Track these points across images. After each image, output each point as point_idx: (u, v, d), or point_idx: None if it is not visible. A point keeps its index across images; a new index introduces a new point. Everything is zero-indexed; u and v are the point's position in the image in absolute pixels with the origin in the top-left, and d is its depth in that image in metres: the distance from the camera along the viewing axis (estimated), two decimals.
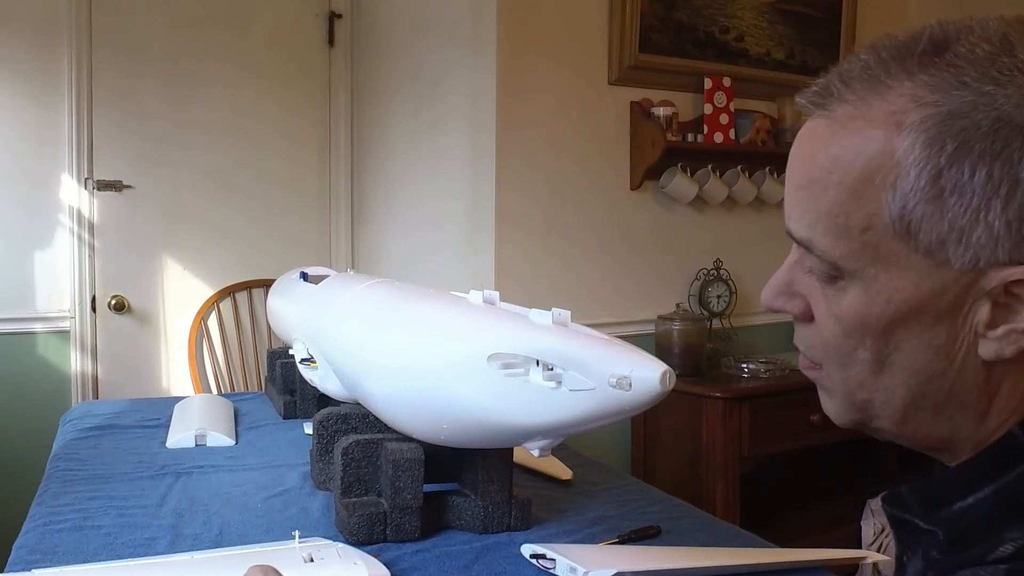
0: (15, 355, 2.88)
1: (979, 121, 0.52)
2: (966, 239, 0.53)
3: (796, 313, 0.64)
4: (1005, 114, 0.51)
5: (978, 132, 0.52)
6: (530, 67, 2.75)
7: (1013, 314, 0.54)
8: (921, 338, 0.57)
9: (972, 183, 0.52)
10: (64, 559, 1.12)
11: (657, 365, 0.91)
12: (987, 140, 0.51)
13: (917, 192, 0.53)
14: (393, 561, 1.13)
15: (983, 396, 0.57)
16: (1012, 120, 0.51)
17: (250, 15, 3.20)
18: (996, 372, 0.56)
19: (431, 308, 1.22)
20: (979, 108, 0.52)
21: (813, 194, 0.59)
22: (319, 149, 3.37)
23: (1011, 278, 0.53)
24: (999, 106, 0.51)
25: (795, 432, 2.76)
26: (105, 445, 1.69)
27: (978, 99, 0.52)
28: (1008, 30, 0.54)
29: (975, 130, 0.52)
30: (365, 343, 1.30)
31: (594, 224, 2.91)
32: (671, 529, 1.30)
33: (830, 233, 0.58)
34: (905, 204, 0.54)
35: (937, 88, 0.53)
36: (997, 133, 0.51)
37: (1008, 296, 0.54)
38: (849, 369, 0.61)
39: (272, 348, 2.39)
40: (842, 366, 0.62)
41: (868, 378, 0.60)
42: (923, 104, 0.53)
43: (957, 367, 0.57)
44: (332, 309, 1.49)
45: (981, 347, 0.56)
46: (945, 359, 0.57)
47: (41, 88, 2.88)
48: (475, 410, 1.04)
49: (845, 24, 3.37)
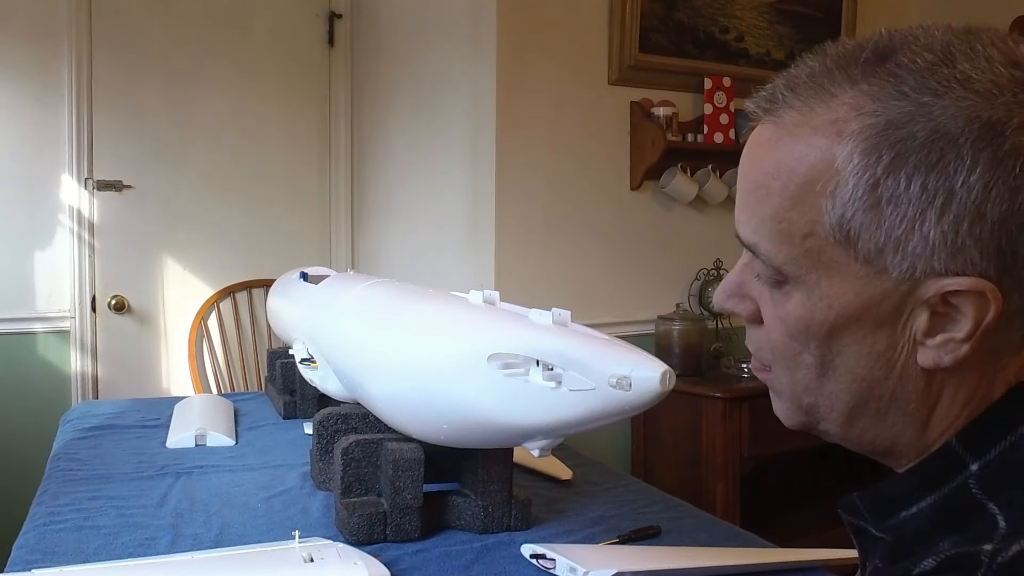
0: (15, 355, 2.88)
1: (916, 132, 0.52)
2: (903, 248, 0.53)
3: (746, 315, 0.65)
4: (941, 125, 0.51)
5: (914, 143, 0.52)
6: (530, 67, 2.75)
7: (951, 323, 0.54)
8: (862, 344, 0.57)
9: (908, 194, 0.52)
10: (64, 559, 1.12)
11: (657, 365, 0.91)
12: (923, 151, 0.51)
13: (855, 201, 0.54)
14: (393, 561, 1.13)
15: (924, 404, 0.58)
16: (948, 132, 0.51)
17: (250, 15, 3.20)
18: (936, 381, 0.57)
19: (431, 308, 1.22)
20: (916, 119, 0.52)
21: (758, 199, 0.59)
22: (319, 149, 3.37)
23: (947, 288, 0.53)
24: (935, 117, 0.51)
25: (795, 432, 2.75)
26: (105, 445, 1.69)
27: (916, 110, 0.52)
28: (952, 40, 0.54)
29: (911, 141, 0.52)
30: (365, 343, 1.30)
31: (594, 224, 2.91)
32: (671, 529, 1.30)
33: (774, 238, 0.58)
34: (844, 212, 0.54)
35: (877, 97, 0.53)
36: (933, 144, 0.51)
37: (946, 306, 0.54)
38: (795, 372, 0.62)
39: (272, 348, 2.39)
40: (788, 369, 0.62)
41: (813, 382, 0.61)
42: (863, 113, 0.54)
43: (897, 374, 0.57)
44: (332, 309, 1.49)
45: (920, 355, 0.56)
46: (886, 365, 0.57)
47: (41, 88, 2.88)
48: (475, 410, 1.04)
49: (845, 24, 3.37)
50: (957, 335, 0.54)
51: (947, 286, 0.53)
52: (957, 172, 0.51)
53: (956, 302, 0.53)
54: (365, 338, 1.31)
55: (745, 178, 0.61)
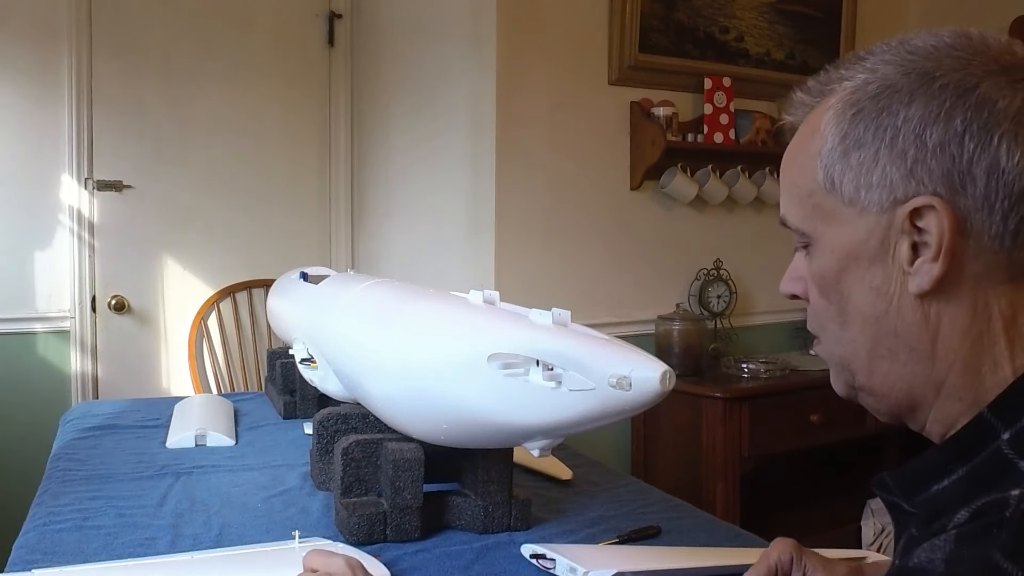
0: (15, 355, 2.88)
1: (869, 89, 0.64)
2: (871, 184, 0.64)
3: (800, 293, 0.73)
4: (886, 78, 0.64)
5: (868, 97, 0.64)
6: (530, 67, 2.75)
7: (924, 247, 0.62)
8: (862, 283, 0.66)
9: (866, 135, 0.64)
10: (64, 559, 1.12)
11: (657, 365, 0.91)
12: (874, 101, 0.64)
13: (832, 151, 0.66)
14: (393, 561, 1.13)
15: (925, 335, 0.64)
16: (891, 82, 0.63)
17: (250, 15, 3.20)
18: (932, 311, 0.63)
19: (431, 308, 1.22)
20: (871, 80, 0.65)
21: (784, 180, 0.72)
22: (319, 149, 3.37)
23: (910, 209, 0.62)
24: (884, 75, 0.64)
25: (795, 432, 2.77)
26: (105, 445, 1.69)
27: (870, 75, 0.65)
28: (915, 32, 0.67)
29: (866, 96, 0.64)
30: (365, 343, 1.30)
31: (594, 224, 2.91)
32: (671, 529, 1.30)
33: (792, 205, 0.70)
34: (827, 164, 0.66)
35: (848, 77, 0.67)
36: (881, 94, 0.63)
37: (917, 232, 0.62)
38: (827, 330, 0.71)
39: (272, 348, 2.40)
40: (824, 328, 0.71)
41: (839, 332, 0.69)
42: (839, 91, 0.67)
43: (896, 307, 0.64)
44: (332, 309, 1.49)
45: (910, 284, 0.63)
46: (885, 299, 0.65)
47: (41, 88, 2.88)
48: (475, 410, 1.04)
49: (845, 24, 3.37)
50: (929, 256, 0.62)
51: (908, 207, 0.62)
52: (899, 111, 0.62)
53: (922, 224, 0.62)
54: (365, 338, 1.31)
55: (781, 169, 0.74)
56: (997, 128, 0.60)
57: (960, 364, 0.63)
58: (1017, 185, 0.60)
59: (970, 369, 0.63)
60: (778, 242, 3.23)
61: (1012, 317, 0.62)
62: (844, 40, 3.37)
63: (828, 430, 2.78)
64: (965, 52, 0.63)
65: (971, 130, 0.60)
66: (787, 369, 2.88)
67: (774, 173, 3.16)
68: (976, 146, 0.60)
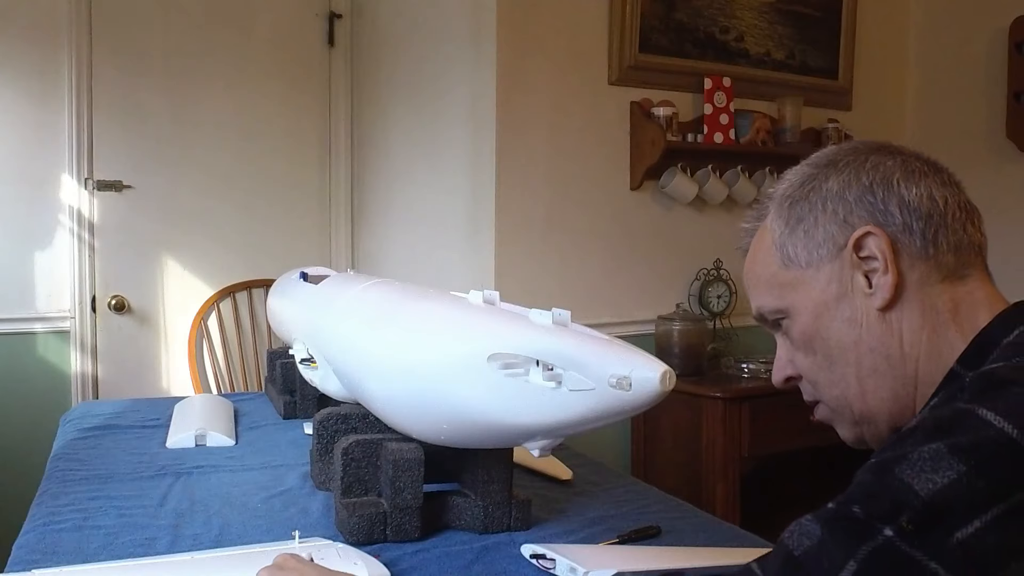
0: (15, 355, 2.88)
1: (794, 183, 0.85)
2: (819, 242, 0.81)
3: (794, 374, 0.88)
4: (805, 175, 0.84)
5: (795, 189, 0.84)
6: (530, 67, 2.75)
7: (873, 271, 0.79)
8: (836, 321, 0.81)
9: (803, 212, 0.82)
10: (64, 559, 1.13)
11: (657, 365, 0.91)
12: (801, 189, 0.83)
13: (782, 236, 0.84)
14: (393, 561, 1.13)
15: (893, 341, 0.79)
16: (809, 174, 0.84)
17: (250, 15, 3.20)
18: (894, 319, 0.79)
19: (431, 308, 1.22)
20: (793, 182, 0.85)
21: (750, 285, 0.89)
22: (319, 149, 3.37)
23: (853, 241, 0.79)
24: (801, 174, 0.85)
25: (795, 432, 2.75)
26: (105, 445, 1.69)
27: (794, 178, 0.85)
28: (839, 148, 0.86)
29: (792, 188, 0.84)
30: (365, 343, 1.30)
31: (594, 224, 2.90)
32: (671, 529, 1.30)
33: (762, 296, 0.87)
34: (780, 246, 0.84)
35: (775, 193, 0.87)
36: (805, 183, 0.83)
37: (865, 260, 0.79)
38: (819, 381, 0.85)
39: (272, 348, 2.40)
40: (817, 383, 0.86)
41: (828, 375, 0.83)
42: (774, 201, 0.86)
43: (866, 328, 0.79)
44: (332, 309, 1.49)
45: (874, 303, 0.79)
46: (856, 325, 0.80)
47: (41, 88, 2.88)
48: (475, 410, 1.04)
49: (845, 24, 3.37)
50: (880, 270, 0.78)
51: (852, 241, 0.79)
52: (821, 187, 0.82)
53: (865, 253, 0.79)
54: (365, 338, 1.31)
55: (744, 281, 0.91)
56: (892, 175, 0.79)
57: (924, 354, 0.78)
58: (922, 209, 0.78)
59: (933, 356, 0.78)
60: None
61: (955, 308, 0.78)
62: (844, 40, 3.37)
63: (828, 430, 2.76)
64: (848, 146, 0.84)
65: (875, 182, 0.80)
66: None
67: (774, 173, 3.15)
68: (884, 191, 0.79)
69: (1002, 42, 3.17)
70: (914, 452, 0.62)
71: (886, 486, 0.62)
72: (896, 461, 0.62)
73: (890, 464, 0.63)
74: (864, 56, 3.43)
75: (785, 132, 3.16)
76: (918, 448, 0.62)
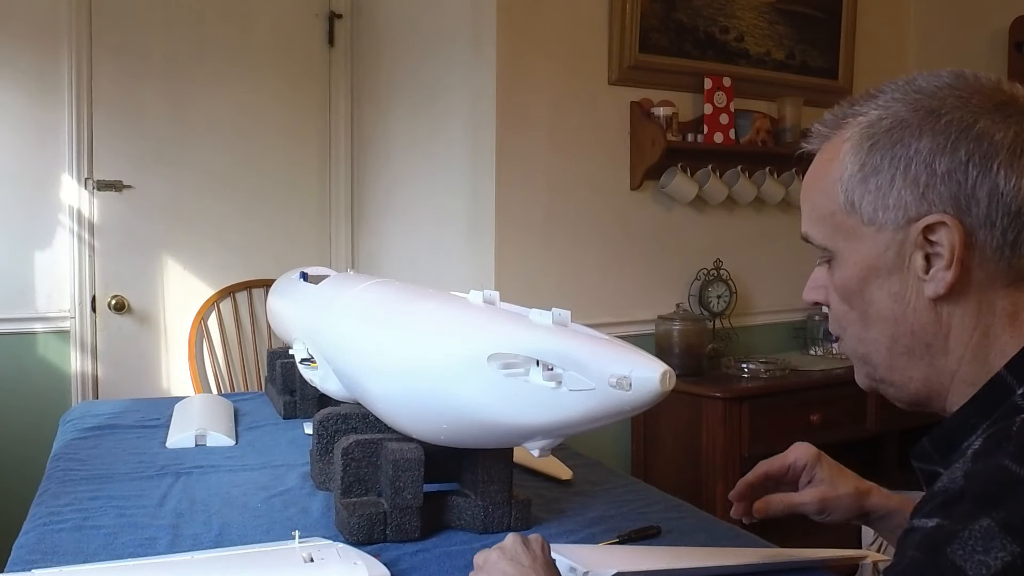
0: (15, 355, 2.88)
1: (883, 123, 0.74)
2: (887, 205, 0.73)
3: (822, 300, 0.83)
4: (898, 115, 0.74)
5: (883, 131, 0.74)
6: (530, 67, 2.75)
7: (937, 258, 0.72)
8: (882, 290, 0.76)
9: (882, 164, 0.74)
10: (64, 559, 1.12)
11: (657, 365, 0.91)
12: (888, 134, 0.74)
13: (853, 178, 0.75)
14: (393, 561, 1.13)
15: (939, 333, 0.74)
16: (903, 119, 0.73)
17: (250, 15, 3.20)
18: (944, 311, 0.73)
19: (431, 308, 1.22)
20: (884, 116, 0.75)
21: (805, 201, 0.82)
22: (319, 149, 3.37)
23: (923, 226, 0.72)
24: (896, 112, 0.74)
25: (795, 432, 2.74)
26: (105, 445, 1.69)
27: (883, 111, 0.75)
28: (917, 74, 0.77)
29: (881, 130, 0.74)
30: (365, 343, 1.30)
31: (594, 224, 2.90)
32: (671, 529, 1.30)
33: (815, 224, 0.80)
34: (847, 189, 0.76)
35: (863, 112, 0.77)
36: (894, 128, 0.73)
37: (929, 244, 0.72)
38: (849, 330, 0.80)
39: (272, 348, 2.40)
40: (845, 329, 0.81)
41: (861, 332, 0.79)
42: (855, 124, 0.77)
43: (912, 308, 0.74)
44: (332, 309, 1.49)
45: (926, 289, 0.73)
46: (902, 303, 0.75)
47: (41, 88, 2.88)
48: (475, 410, 1.04)
49: (845, 24, 3.37)
50: (942, 265, 0.72)
51: (922, 224, 0.72)
52: (911, 143, 0.72)
53: (934, 238, 0.72)
54: (365, 338, 1.31)
55: (801, 192, 0.84)
56: (995, 157, 0.70)
57: (970, 355, 0.73)
58: (1014, 205, 0.70)
59: (979, 359, 0.73)
60: (778, 242, 3.23)
61: (1014, 313, 0.72)
62: (844, 40, 3.37)
63: (828, 430, 2.77)
64: (964, 91, 0.73)
65: (973, 160, 0.70)
66: (787, 369, 2.88)
67: (774, 173, 3.16)
68: (978, 173, 0.70)
69: (1002, 42, 3.17)
70: (965, 530, 0.59)
71: (938, 569, 0.59)
72: (947, 540, 0.60)
73: (941, 543, 0.60)
74: (864, 56, 3.43)
75: (785, 132, 3.16)
76: (968, 526, 0.59)
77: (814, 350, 3.19)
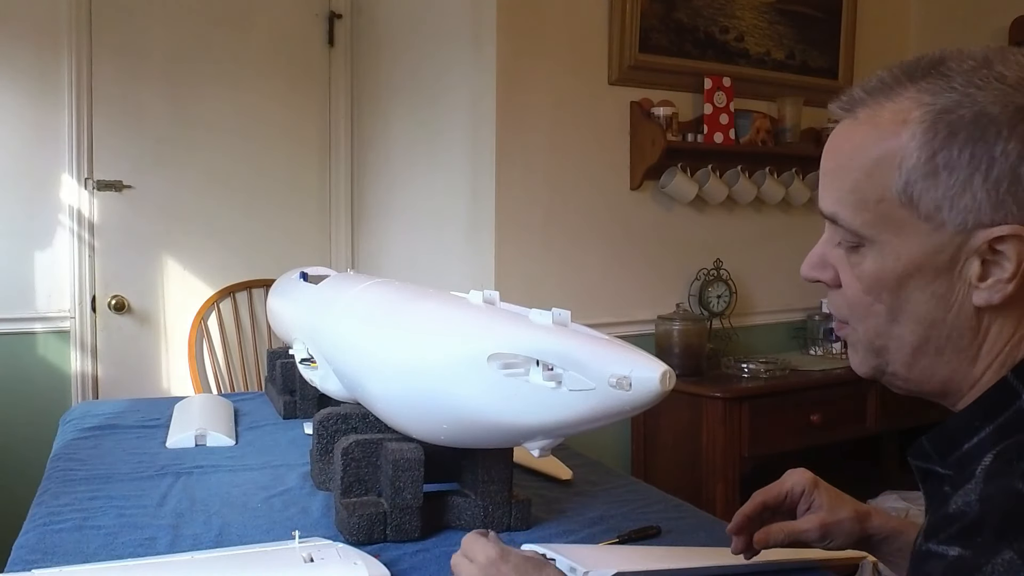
0: (15, 355, 2.88)
1: (964, 114, 0.66)
2: (956, 205, 0.66)
3: (827, 280, 0.77)
4: (984, 109, 0.66)
5: (963, 122, 0.66)
6: (530, 67, 2.75)
7: (998, 268, 0.67)
8: (925, 291, 0.70)
9: (959, 161, 0.66)
10: (64, 559, 1.12)
11: (657, 365, 0.91)
12: (970, 128, 0.66)
13: (917, 168, 0.67)
14: (393, 561, 1.13)
15: (975, 340, 0.70)
16: (989, 113, 0.65)
17: (250, 15, 3.20)
18: (986, 318, 0.69)
19: (431, 308, 1.22)
20: (964, 105, 0.66)
21: (838, 176, 0.73)
22: (319, 149, 3.37)
23: (994, 235, 0.66)
24: (979, 103, 0.66)
25: (795, 432, 2.76)
26: (105, 445, 1.69)
27: (963, 99, 0.66)
28: (989, 52, 0.69)
29: (961, 121, 0.66)
30: (365, 343, 1.30)
31: (594, 224, 2.90)
32: (671, 529, 1.30)
33: (852, 207, 0.71)
34: (908, 179, 0.68)
35: (933, 92, 0.68)
36: (977, 122, 0.65)
37: (993, 253, 0.67)
38: (867, 321, 0.74)
39: (272, 348, 2.39)
40: (862, 319, 0.75)
41: (883, 326, 0.73)
42: (922, 104, 0.68)
43: (955, 314, 0.70)
44: (332, 309, 1.49)
45: (974, 296, 0.68)
46: (945, 307, 0.70)
47: (41, 88, 2.88)
48: (475, 410, 1.04)
49: (845, 24, 3.37)
50: (1004, 276, 0.67)
51: (993, 233, 0.66)
52: (996, 143, 0.65)
53: (1001, 248, 0.66)
54: (365, 338, 1.31)
55: (827, 162, 0.75)
56: None
57: (997, 363, 0.70)
58: None
59: (1006, 366, 0.70)
60: (778, 242, 3.23)
61: None
62: (844, 40, 3.37)
63: (828, 430, 2.78)
64: None
65: None
66: (787, 369, 2.88)
67: (774, 173, 3.16)
68: None
69: (1002, 42, 3.17)
70: (988, 564, 0.58)
71: None
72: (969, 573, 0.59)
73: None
74: (864, 56, 3.43)
75: (785, 132, 3.16)
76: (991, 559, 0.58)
77: (814, 350, 3.19)
